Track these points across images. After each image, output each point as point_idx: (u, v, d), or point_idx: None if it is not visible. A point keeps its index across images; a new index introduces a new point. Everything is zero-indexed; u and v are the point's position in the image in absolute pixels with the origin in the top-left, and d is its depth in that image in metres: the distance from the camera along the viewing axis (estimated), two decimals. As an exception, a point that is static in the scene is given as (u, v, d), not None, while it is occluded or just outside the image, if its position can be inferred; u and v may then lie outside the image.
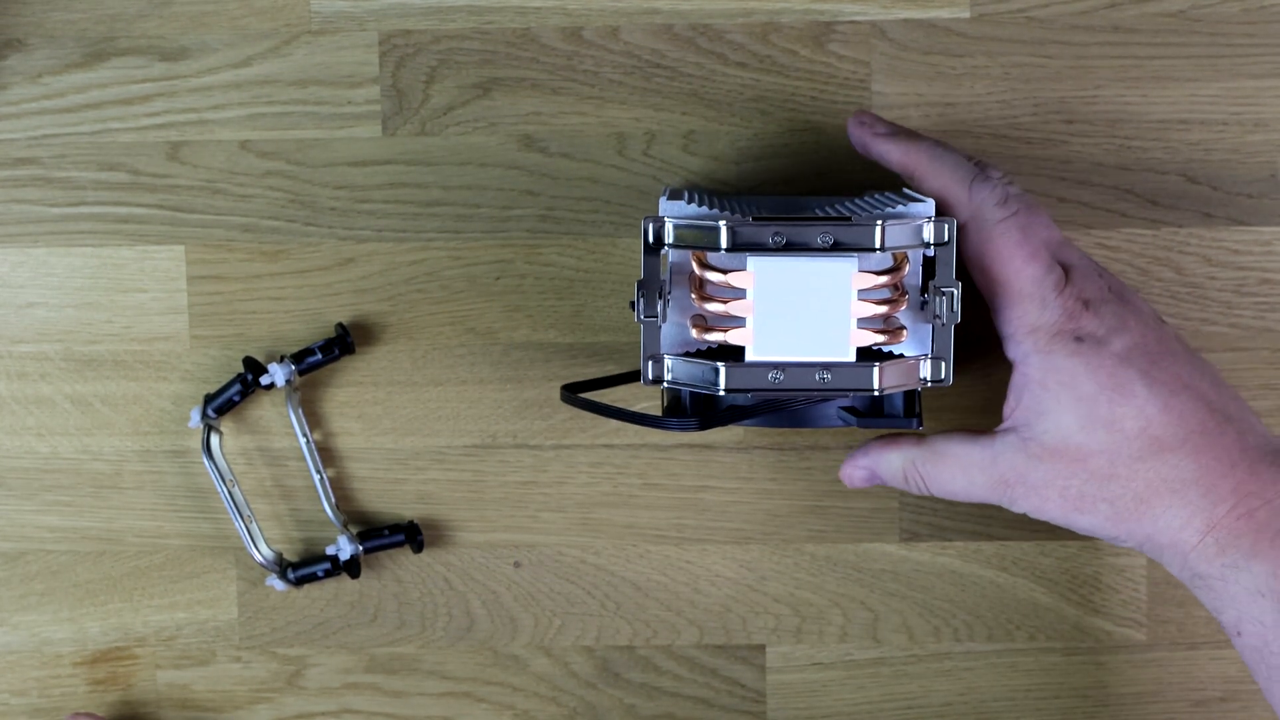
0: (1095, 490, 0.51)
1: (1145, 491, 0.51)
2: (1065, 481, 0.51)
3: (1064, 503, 0.52)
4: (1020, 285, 0.53)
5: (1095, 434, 0.51)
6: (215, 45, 0.68)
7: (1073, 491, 0.52)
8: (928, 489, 0.55)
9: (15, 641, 0.69)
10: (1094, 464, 0.51)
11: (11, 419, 0.69)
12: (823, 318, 0.50)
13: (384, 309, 0.68)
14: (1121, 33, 0.67)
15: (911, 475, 0.55)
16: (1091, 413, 0.51)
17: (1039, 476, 0.52)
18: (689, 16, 0.67)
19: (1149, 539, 0.52)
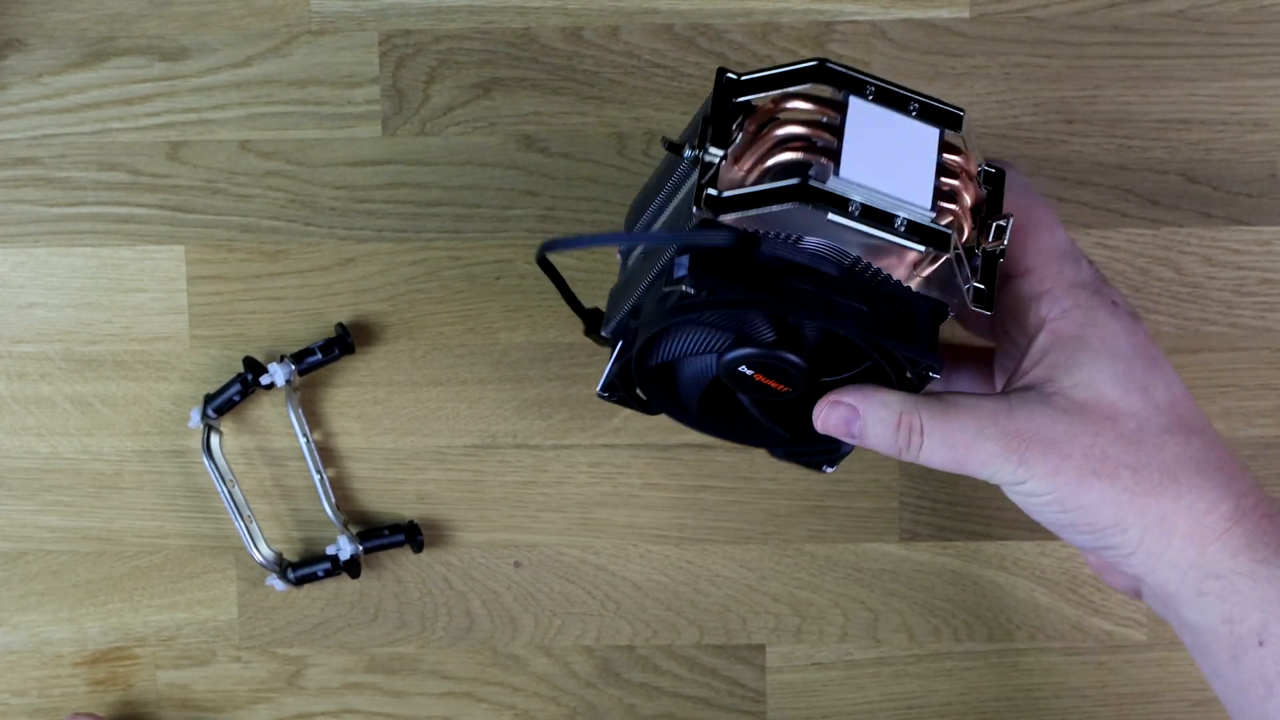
0: (1120, 453, 0.47)
1: (1172, 465, 0.47)
2: (1091, 439, 0.47)
3: (1085, 463, 0.47)
4: (1058, 244, 0.51)
5: (1130, 396, 0.47)
6: (215, 45, 0.68)
7: (1096, 451, 0.47)
8: (922, 441, 0.48)
9: (15, 641, 0.69)
10: (1124, 426, 0.47)
11: (11, 419, 0.69)
12: (908, 165, 0.46)
13: (384, 309, 0.68)
14: (1121, 32, 0.67)
15: (909, 421, 0.48)
16: (1129, 374, 0.48)
17: (1061, 431, 0.47)
18: (689, 16, 0.67)
19: (1164, 520, 0.47)
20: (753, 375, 0.49)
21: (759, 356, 0.49)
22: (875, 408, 0.48)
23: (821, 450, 0.54)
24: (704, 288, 0.46)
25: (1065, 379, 0.48)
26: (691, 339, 0.50)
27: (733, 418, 0.55)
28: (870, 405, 0.48)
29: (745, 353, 0.49)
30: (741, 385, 0.50)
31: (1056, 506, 0.48)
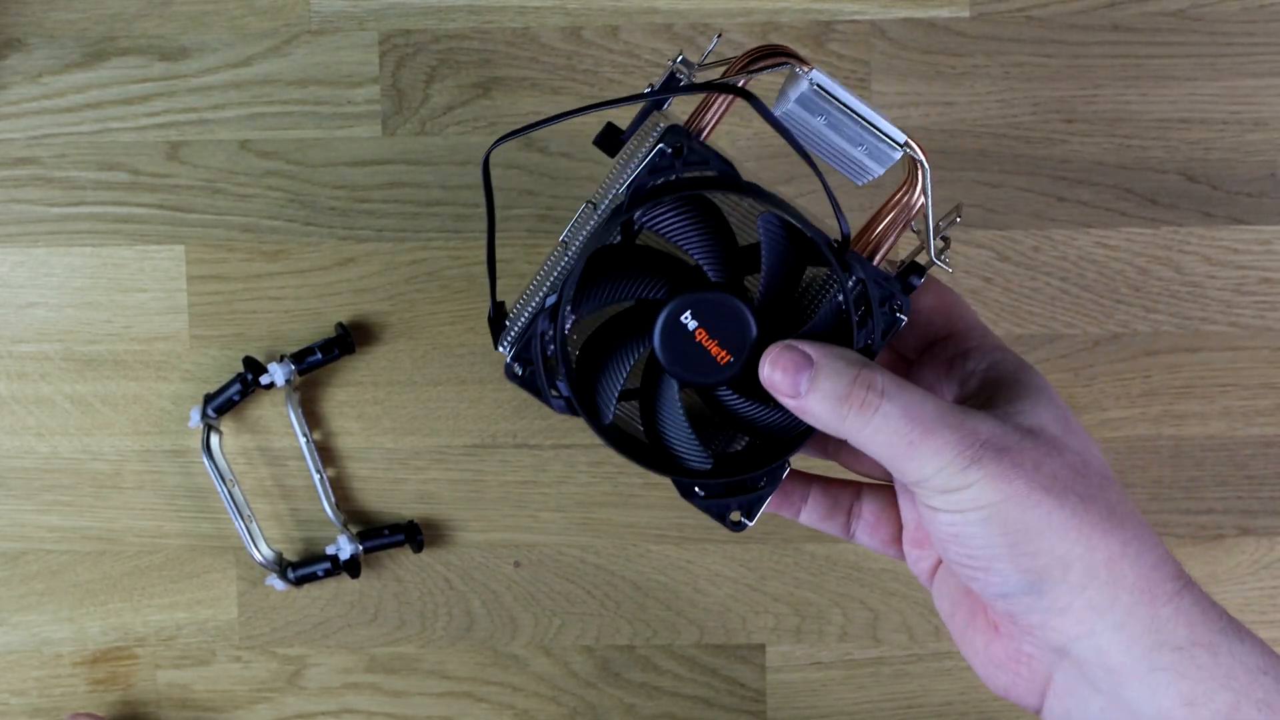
0: (1068, 479, 0.42)
1: (1117, 507, 0.42)
2: (1041, 458, 0.42)
3: (1036, 475, 0.41)
4: (975, 316, 0.49)
5: (1070, 437, 0.43)
6: (215, 45, 0.68)
7: (1046, 469, 0.41)
8: (880, 404, 0.42)
9: (15, 641, 0.69)
10: (1068, 458, 0.42)
11: (11, 419, 0.69)
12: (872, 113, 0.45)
13: (384, 308, 0.68)
14: (1121, 32, 0.67)
15: (868, 378, 0.42)
16: (1067, 421, 0.44)
17: (1014, 441, 0.42)
18: (688, 16, 0.67)
19: (1111, 563, 0.41)
20: (695, 332, 0.44)
21: (708, 300, 0.43)
22: (833, 358, 0.43)
23: (741, 490, 0.47)
24: (687, 149, 0.44)
25: (1007, 405, 0.44)
26: (627, 285, 0.45)
27: (651, 430, 0.47)
28: (828, 355, 0.43)
29: (698, 297, 0.43)
30: (677, 349, 0.44)
31: (997, 525, 0.41)
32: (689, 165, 0.44)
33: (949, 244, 0.47)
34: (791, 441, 0.46)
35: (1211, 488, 0.67)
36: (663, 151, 0.44)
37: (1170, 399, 0.67)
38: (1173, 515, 0.68)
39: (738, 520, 0.47)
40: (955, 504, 0.42)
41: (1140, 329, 0.67)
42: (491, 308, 0.47)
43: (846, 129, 0.44)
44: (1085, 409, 0.67)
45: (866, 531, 0.50)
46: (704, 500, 0.46)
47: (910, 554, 0.49)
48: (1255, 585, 0.68)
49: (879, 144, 0.44)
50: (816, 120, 0.44)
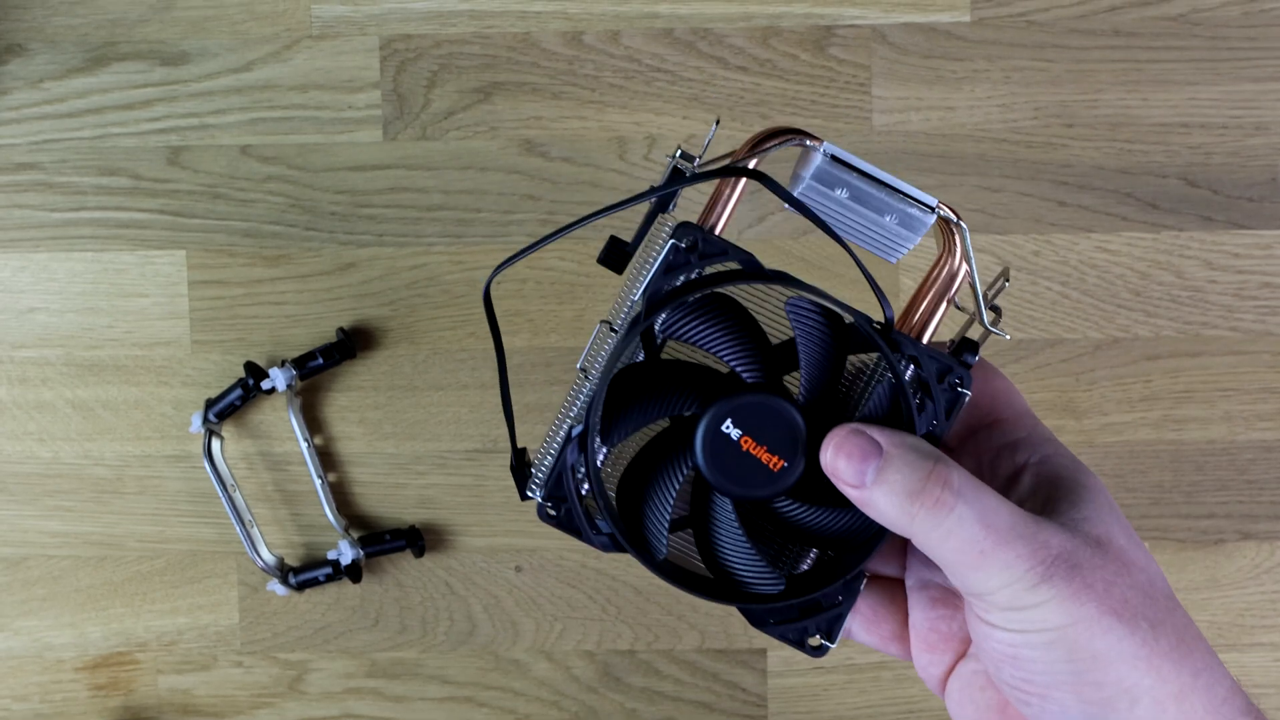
0: (1139, 603, 0.39)
1: (1185, 633, 0.40)
2: (1112, 577, 0.39)
3: (1107, 598, 0.38)
4: (1024, 403, 0.45)
5: (1135, 549, 0.40)
6: (216, 50, 0.68)
7: (1117, 593, 0.39)
8: (955, 504, 0.38)
9: (17, 647, 0.69)
10: (1137, 577, 0.39)
11: (13, 424, 0.69)
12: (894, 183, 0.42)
13: (385, 313, 0.68)
14: (1122, 36, 0.67)
15: (944, 475, 0.39)
16: (1128, 529, 0.41)
17: (1085, 557, 0.39)
18: (689, 21, 0.67)
19: (1180, 697, 0.39)
20: (739, 441, 0.40)
21: (747, 403, 0.40)
22: (905, 449, 0.39)
23: (816, 609, 0.42)
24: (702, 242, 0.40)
25: (1073, 511, 0.40)
26: (658, 403, 0.41)
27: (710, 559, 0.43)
28: (899, 444, 0.39)
29: (736, 402, 0.40)
30: (724, 463, 0.40)
31: (1063, 650, 0.38)
32: (706, 259, 0.40)
33: (1000, 314, 0.43)
34: (864, 546, 0.41)
35: (1212, 492, 0.67)
36: (676, 247, 0.40)
37: (1171, 403, 0.67)
38: (1173, 520, 0.68)
39: (818, 645, 0.42)
40: (1019, 623, 0.39)
41: (1141, 333, 0.67)
42: (513, 455, 0.43)
43: (871, 199, 0.41)
44: (1086, 413, 0.67)
45: (863, 627, 0.45)
46: (778, 627, 0.42)
47: (920, 658, 0.45)
48: (1256, 590, 0.68)
49: (909, 210, 0.41)
50: (837, 194, 0.41)
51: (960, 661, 0.43)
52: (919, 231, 0.41)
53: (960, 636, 0.43)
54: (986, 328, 0.42)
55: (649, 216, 0.42)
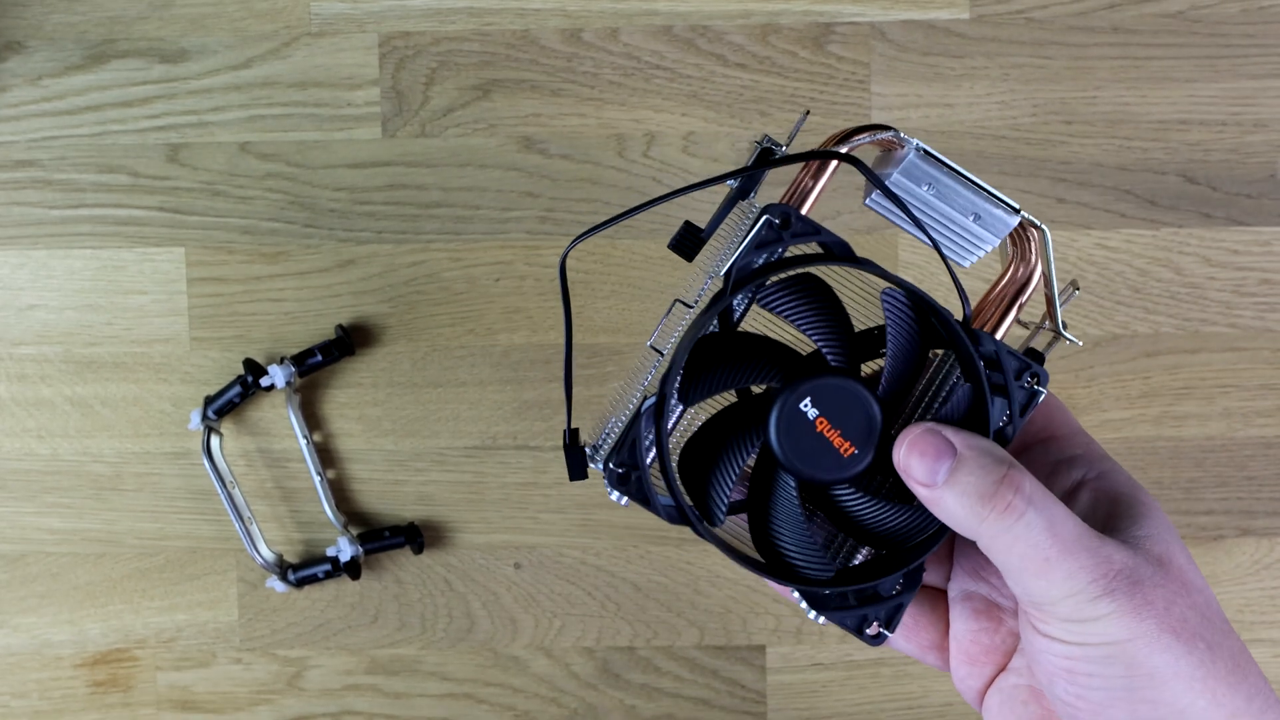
0: (1197, 624, 0.39)
1: (1240, 657, 0.40)
2: (1173, 596, 0.39)
3: (1167, 616, 0.39)
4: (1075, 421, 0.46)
5: (1192, 570, 0.41)
6: (215, 47, 0.68)
7: (1176, 611, 0.39)
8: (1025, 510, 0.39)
9: (16, 643, 0.69)
10: (1195, 598, 0.40)
11: (12, 421, 0.69)
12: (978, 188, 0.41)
13: (384, 310, 0.68)
14: (1121, 33, 0.67)
15: (1014, 482, 0.39)
16: (1185, 550, 0.41)
17: (1147, 574, 0.39)
18: (688, 18, 0.67)
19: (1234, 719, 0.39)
20: (815, 421, 0.39)
21: (829, 386, 0.39)
22: (979, 451, 0.39)
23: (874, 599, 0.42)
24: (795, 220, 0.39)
25: (1135, 529, 0.40)
26: (737, 374, 0.41)
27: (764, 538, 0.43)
28: (973, 446, 0.39)
29: (819, 382, 0.39)
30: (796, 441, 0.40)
31: (1120, 665, 0.38)
32: (799, 237, 0.40)
33: (1066, 327, 0.43)
34: (923, 544, 0.41)
35: (1211, 488, 0.68)
36: (770, 223, 0.40)
37: (1170, 400, 0.67)
38: (1173, 516, 0.68)
39: (877, 633, 0.42)
40: (1078, 635, 0.39)
41: (1140, 330, 0.67)
42: (567, 433, 0.42)
43: (957, 197, 0.41)
44: (1085, 410, 0.67)
45: (903, 634, 0.45)
46: (837, 612, 0.42)
47: (959, 669, 0.45)
48: (1256, 586, 0.68)
49: (994, 210, 0.40)
50: (922, 190, 0.41)
51: (1000, 675, 0.43)
52: (1000, 233, 0.41)
53: (1002, 649, 0.43)
54: (1061, 334, 0.42)
55: (728, 201, 0.42)
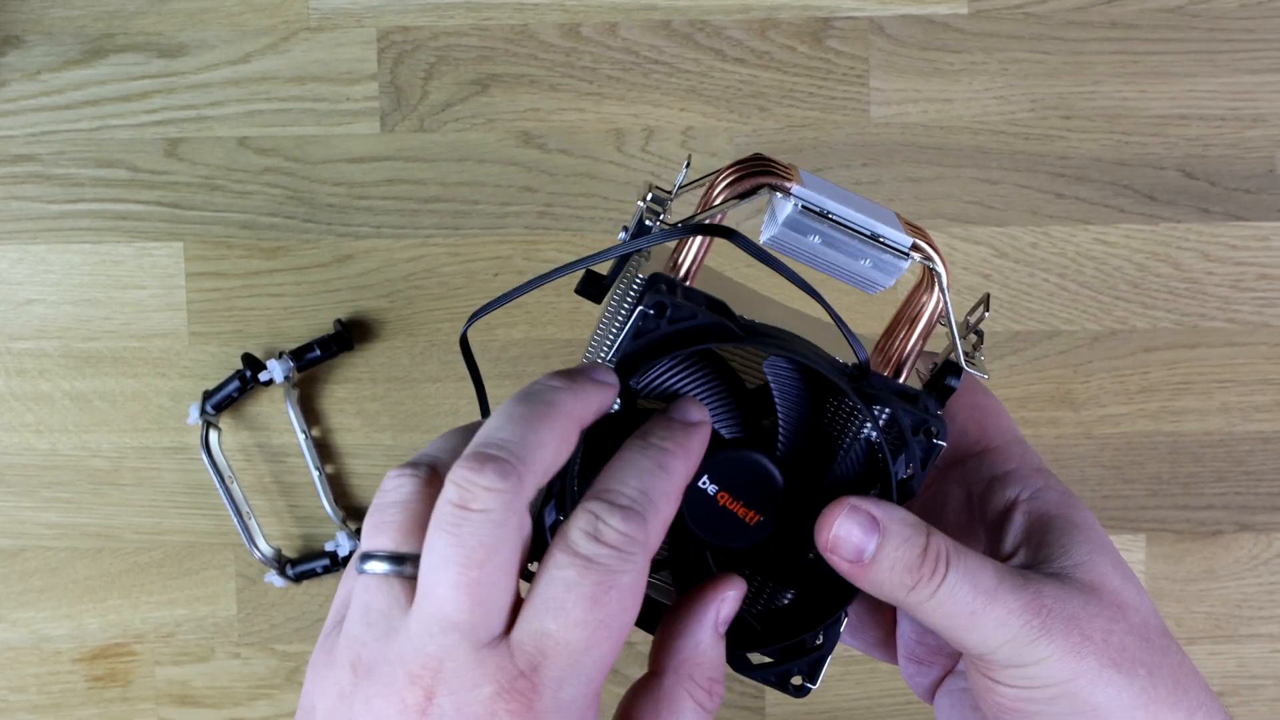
0: (1135, 648, 0.39)
1: (1180, 673, 0.40)
2: (1108, 624, 0.39)
3: (1106, 648, 0.39)
4: (1013, 429, 0.45)
5: (1128, 588, 0.41)
6: (214, 42, 0.68)
7: (1115, 640, 0.39)
8: (945, 575, 0.38)
9: (14, 638, 0.69)
10: (1131, 618, 0.40)
11: (10, 416, 0.69)
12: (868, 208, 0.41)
13: (382, 305, 0.68)
14: (1119, 28, 0.67)
15: (937, 547, 0.38)
16: (1121, 565, 0.41)
17: (1079, 607, 0.39)
18: (687, 12, 0.67)
19: None
20: (717, 495, 0.39)
21: (722, 460, 0.39)
22: (900, 524, 0.38)
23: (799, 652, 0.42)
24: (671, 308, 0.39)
25: (1063, 559, 0.40)
26: None
27: None
28: (894, 519, 0.39)
29: (711, 459, 0.39)
30: (702, 517, 0.40)
31: (1065, 704, 0.39)
32: (675, 324, 0.39)
33: (982, 339, 0.43)
34: (841, 593, 0.41)
35: (1210, 483, 0.68)
36: (644, 314, 0.39)
37: (1168, 395, 0.67)
38: (1171, 511, 0.68)
39: (800, 685, 0.42)
40: (1022, 680, 0.39)
41: (1139, 325, 0.67)
42: None
43: (844, 245, 0.40)
44: (1083, 405, 0.67)
45: (849, 632, 0.46)
46: (761, 670, 0.42)
47: (907, 668, 0.45)
48: (1254, 581, 0.68)
49: (882, 255, 0.40)
50: (811, 240, 0.40)
51: (949, 676, 0.43)
52: (894, 275, 0.40)
53: (947, 651, 0.43)
54: (963, 367, 0.41)
55: (620, 260, 0.42)
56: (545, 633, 0.32)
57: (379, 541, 0.33)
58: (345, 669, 0.33)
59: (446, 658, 0.31)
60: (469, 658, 0.31)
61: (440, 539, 0.32)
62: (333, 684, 0.33)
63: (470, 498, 0.32)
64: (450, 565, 0.31)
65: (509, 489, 0.32)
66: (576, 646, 0.32)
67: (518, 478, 0.32)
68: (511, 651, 0.32)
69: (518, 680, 0.32)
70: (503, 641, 0.32)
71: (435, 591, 0.31)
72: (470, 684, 0.31)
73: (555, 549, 0.33)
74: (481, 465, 0.32)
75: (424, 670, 0.31)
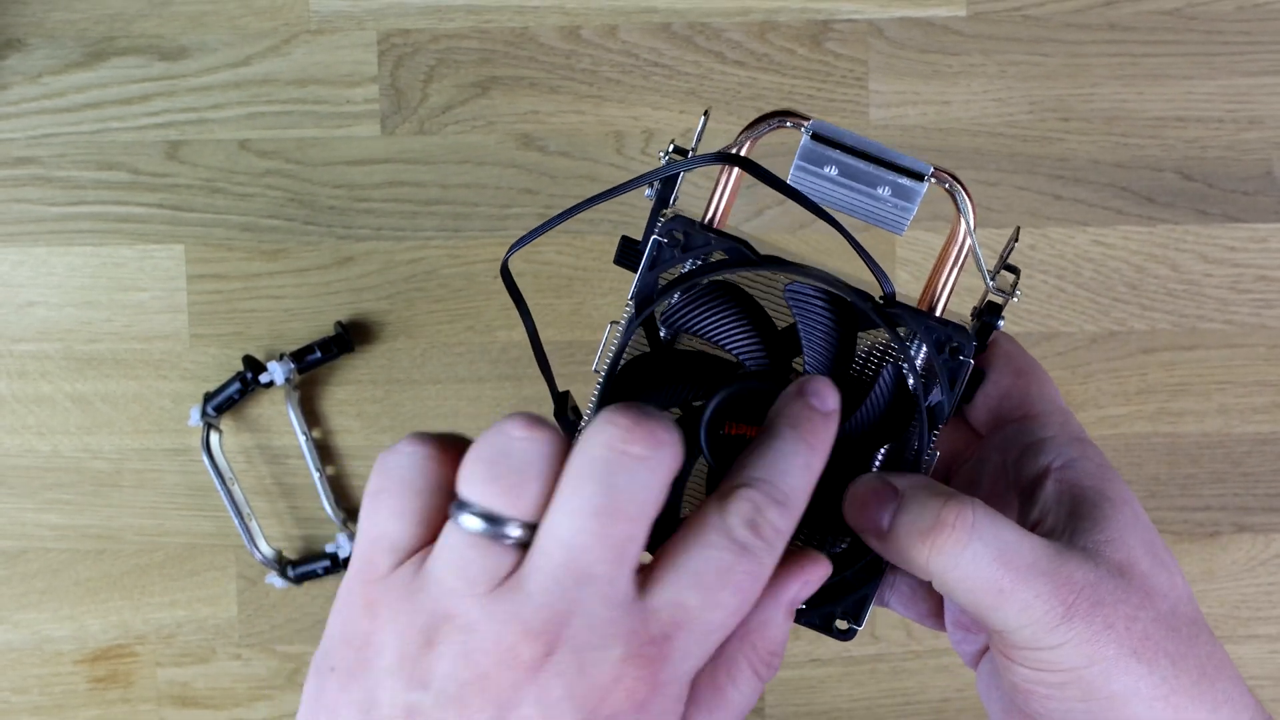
0: (1160, 636, 0.38)
1: (1206, 663, 0.39)
2: (1134, 611, 0.38)
3: (1128, 636, 0.37)
4: (1056, 395, 0.44)
5: (1158, 572, 0.39)
6: (214, 45, 0.68)
7: (1139, 628, 0.38)
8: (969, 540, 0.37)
9: (16, 639, 0.69)
10: (1159, 605, 0.38)
11: (12, 418, 0.69)
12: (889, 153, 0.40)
13: (383, 307, 0.68)
14: (1118, 30, 0.67)
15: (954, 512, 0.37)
16: (1153, 545, 0.39)
17: (1108, 592, 0.37)
18: (687, 15, 0.67)
19: None
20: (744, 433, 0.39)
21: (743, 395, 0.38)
22: (915, 489, 0.38)
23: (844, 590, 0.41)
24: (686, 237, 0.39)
25: (1096, 533, 0.39)
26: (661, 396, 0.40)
27: None
28: (911, 483, 0.38)
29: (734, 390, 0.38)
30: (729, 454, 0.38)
31: (1077, 690, 0.38)
32: (690, 252, 0.39)
33: (1019, 274, 0.41)
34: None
35: (1208, 485, 0.68)
36: (659, 243, 0.39)
37: (1167, 396, 0.67)
38: (1169, 512, 0.68)
39: (846, 629, 0.41)
40: (1036, 662, 0.38)
41: (1137, 327, 0.67)
42: (555, 403, 0.41)
43: (861, 173, 0.40)
44: (1082, 406, 0.68)
45: (901, 602, 0.45)
46: (802, 614, 0.41)
47: (954, 634, 0.44)
48: (1251, 582, 0.68)
49: (899, 179, 0.39)
50: (828, 171, 0.40)
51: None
52: (915, 200, 0.40)
53: None
54: (990, 290, 0.41)
55: (652, 213, 0.41)
56: (686, 605, 0.31)
57: (492, 499, 0.30)
58: (434, 618, 0.30)
59: (577, 612, 0.30)
60: (603, 614, 0.30)
61: (588, 485, 0.30)
62: (414, 631, 0.30)
63: (630, 443, 0.30)
64: (599, 516, 0.30)
65: (669, 441, 0.31)
66: (710, 625, 0.31)
67: (673, 441, 0.31)
68: (647, 616, 0.31)
69: (648, 646, 0.30)
70: (638, 604, 0.31)
71: (573, 541, 0.30)
72: (600, 643, 0.30)
73: (710, 528, 0.32)
74: (635, 423, 0.30)
75: (546, 626, 0.30)
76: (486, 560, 0.30)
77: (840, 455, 0.37)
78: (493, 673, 0.30)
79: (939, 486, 0.38)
